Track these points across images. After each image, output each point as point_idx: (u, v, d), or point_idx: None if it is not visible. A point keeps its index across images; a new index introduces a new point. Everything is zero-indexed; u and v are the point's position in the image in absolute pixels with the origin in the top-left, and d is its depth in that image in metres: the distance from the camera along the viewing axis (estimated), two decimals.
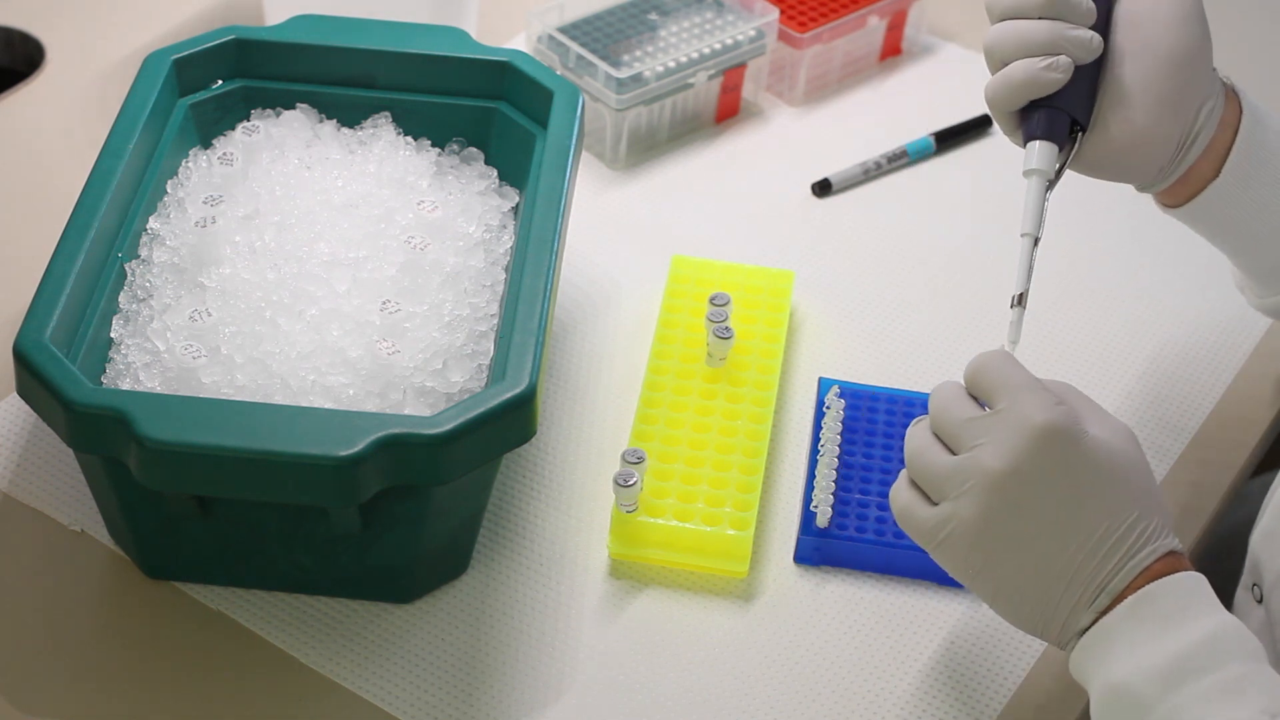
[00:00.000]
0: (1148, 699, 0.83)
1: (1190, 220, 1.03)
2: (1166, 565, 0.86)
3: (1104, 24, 0.97)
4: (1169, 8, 0.97)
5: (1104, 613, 0.86)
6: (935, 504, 0.89)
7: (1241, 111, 1.00)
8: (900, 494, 0.91)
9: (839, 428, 1.06)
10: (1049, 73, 0.95)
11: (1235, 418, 1.13)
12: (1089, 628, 0.86)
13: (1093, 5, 0.96)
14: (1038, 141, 0.96)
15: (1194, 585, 0.86)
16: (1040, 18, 0.95)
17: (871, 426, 1.07)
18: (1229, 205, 1.02)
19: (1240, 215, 1.02)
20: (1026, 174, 0.96)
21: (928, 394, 1.08)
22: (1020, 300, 0.94)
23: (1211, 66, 0.99)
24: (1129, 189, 1.02)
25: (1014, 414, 0.87)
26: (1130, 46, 0.97)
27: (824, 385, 1.09)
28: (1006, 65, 0.96)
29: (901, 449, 1.06)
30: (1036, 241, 0.96)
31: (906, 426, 1.07)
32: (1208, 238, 1.05)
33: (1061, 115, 0.96)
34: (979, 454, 0.87)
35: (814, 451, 1.06)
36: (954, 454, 0.88)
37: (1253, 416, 1.13)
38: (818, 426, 1.07)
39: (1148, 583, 0.85)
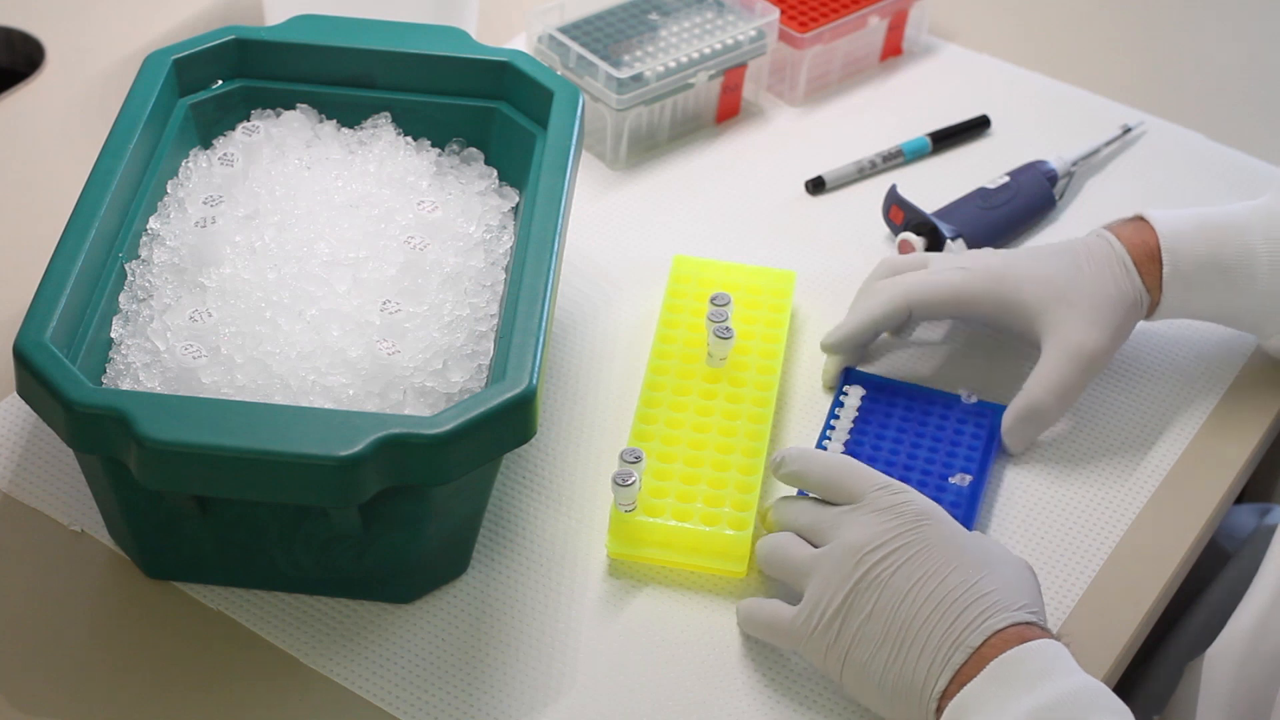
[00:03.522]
0: None
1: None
2: (1026, 631, 0.88)
3: None
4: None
5: (961, 670, 0.87)
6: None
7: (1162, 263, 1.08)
8: (764, 605, 0.96)
9: (850, 426, 1.06)
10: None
11: (1212, 449, 1.12)
12: (949, 689, 0.88)
13: None
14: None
15: (1057, 651, 0.88)
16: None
17: (886, 420, 1.07)
18: (1183, 312, 1.12)
19: (1197, 313, 1.12)
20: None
21: (949, 392, 1.09)
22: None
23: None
24: (1132, 199, 1.04)
25: (861, 503, 0.93)
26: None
27: (850, 376, 1.10)
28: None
29: (911, 444, 1.06)
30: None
31: (921, 423, 1.07)
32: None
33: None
34: (843, 535, 0.93)
35: (819, 448, 1.05)
36: (815, 547, 0.94)
37: (1230, 449, 1.12)
38: (831, 416, 1.07)
39: (1011, 647, 0.87)
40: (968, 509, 1.02)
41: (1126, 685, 1.08)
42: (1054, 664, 0.87)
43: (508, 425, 0.91)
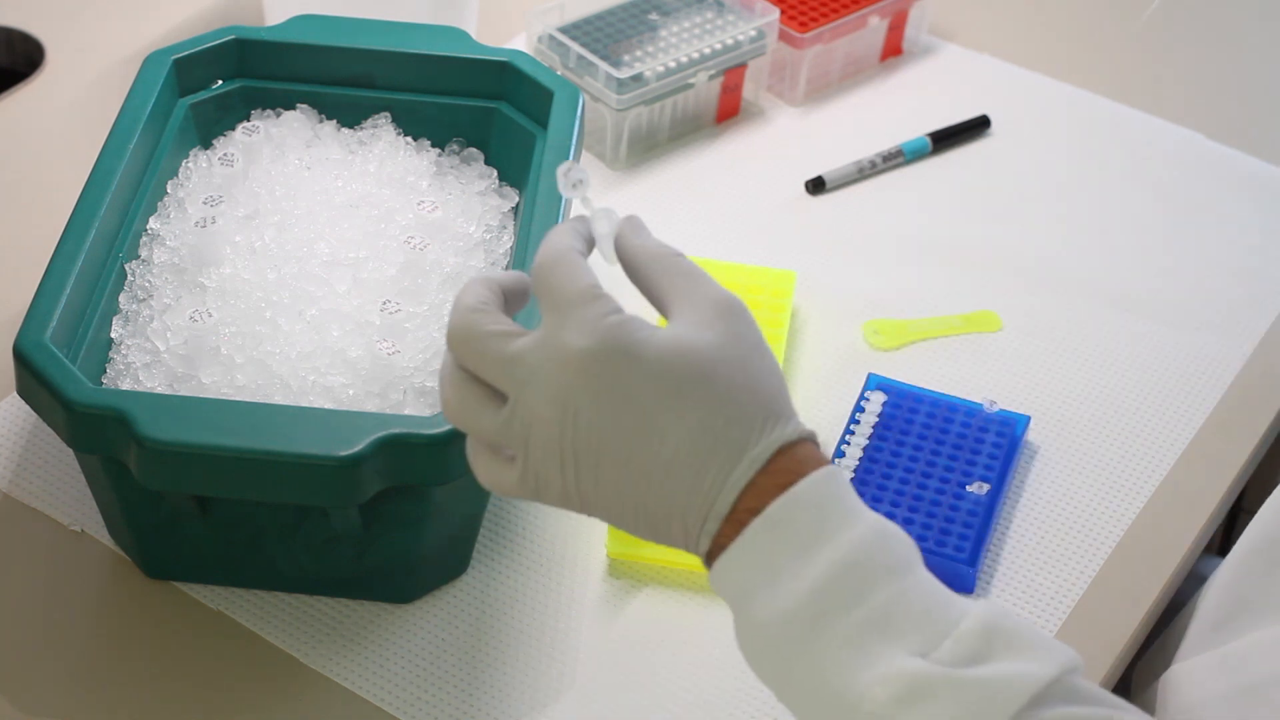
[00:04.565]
0: (789, 647, 0.71)
1: None
2: (787, 466, 0.72)
3: None
4: None
5: (719, 536, 0.72)
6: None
7: None
8: (477, 458, 0.77)
9: (870, 433, 1.06)
10: None
11: (1212, 450, 1.11)
12: (712, 551, 0.73)
13: None
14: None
15: (820, 494, 0.72)
16: None
17: (907, 426, 1.07)
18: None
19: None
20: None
21: (972, 401, 1.08)
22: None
23: None
24: (1141, 213, 1.02)
25: (550, 342, 0.73)
26: None
27: (871, 381, 1.10)
28: None
29: (931, 451, 1.05)
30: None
31: (942, 430, 1.06)
32: None
33: None
34: (526, 397, 0.73)
35: (838, 453, 1.05)
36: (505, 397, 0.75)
37: (1229, 450, 1.11)
38: (852, 421, 1.07)
39: (773, 496, 0.71)
40: (985, 517, 1.02)
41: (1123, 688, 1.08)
42: (819, 515, 0.71)
43: None
